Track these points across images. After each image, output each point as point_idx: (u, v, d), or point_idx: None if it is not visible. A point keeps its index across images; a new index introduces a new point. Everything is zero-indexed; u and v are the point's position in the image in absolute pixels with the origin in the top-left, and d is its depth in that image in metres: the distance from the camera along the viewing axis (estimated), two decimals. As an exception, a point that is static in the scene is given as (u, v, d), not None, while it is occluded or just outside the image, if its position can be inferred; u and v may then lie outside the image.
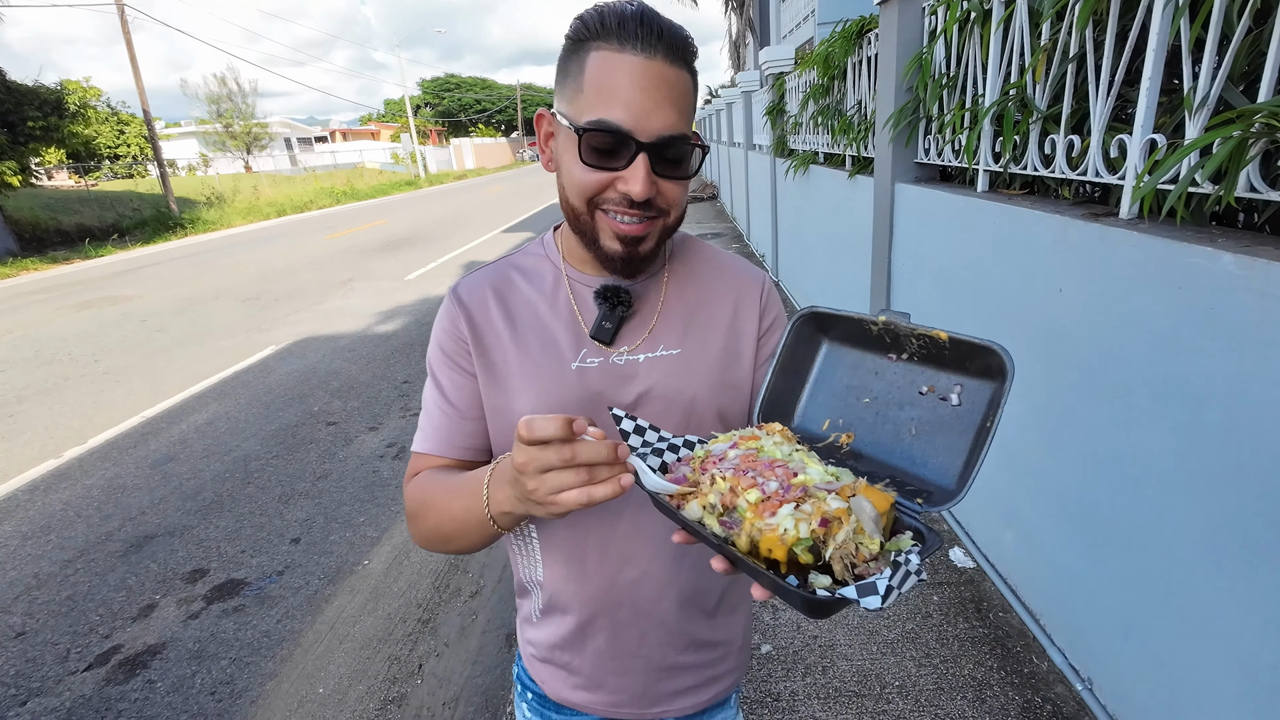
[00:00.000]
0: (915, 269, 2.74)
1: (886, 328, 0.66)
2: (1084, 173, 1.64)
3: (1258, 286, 1.14)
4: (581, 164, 0.66)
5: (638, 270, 0.75)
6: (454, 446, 0.78)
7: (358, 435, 3.99)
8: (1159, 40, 1.38)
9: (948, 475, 0.60)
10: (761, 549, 0.52)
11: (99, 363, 5.77)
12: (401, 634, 2.37)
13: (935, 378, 0.64)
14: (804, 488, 0.54)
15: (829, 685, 1.86)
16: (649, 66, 0.63)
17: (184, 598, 2.62)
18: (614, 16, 0.64)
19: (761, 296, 0.84)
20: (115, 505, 3.36)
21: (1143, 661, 1.52)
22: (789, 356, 0.73)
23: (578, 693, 0.89)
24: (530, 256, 0.83)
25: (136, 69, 15.77)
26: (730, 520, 0.55)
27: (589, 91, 0.64)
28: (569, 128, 0.66)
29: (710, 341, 0.80)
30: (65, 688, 2.20)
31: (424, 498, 0.73)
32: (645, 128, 0.64)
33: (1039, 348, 1.83)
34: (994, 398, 0.58)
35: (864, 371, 0.70)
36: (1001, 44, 1.99)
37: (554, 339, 0.77)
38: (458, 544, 0.72)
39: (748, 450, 0.61)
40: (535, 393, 0.75)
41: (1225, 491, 1.26)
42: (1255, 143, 1.13)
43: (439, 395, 0.78)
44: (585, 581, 0.82)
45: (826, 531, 0.50)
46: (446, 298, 0.80)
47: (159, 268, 10.98)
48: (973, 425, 0.60)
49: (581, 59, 0.65)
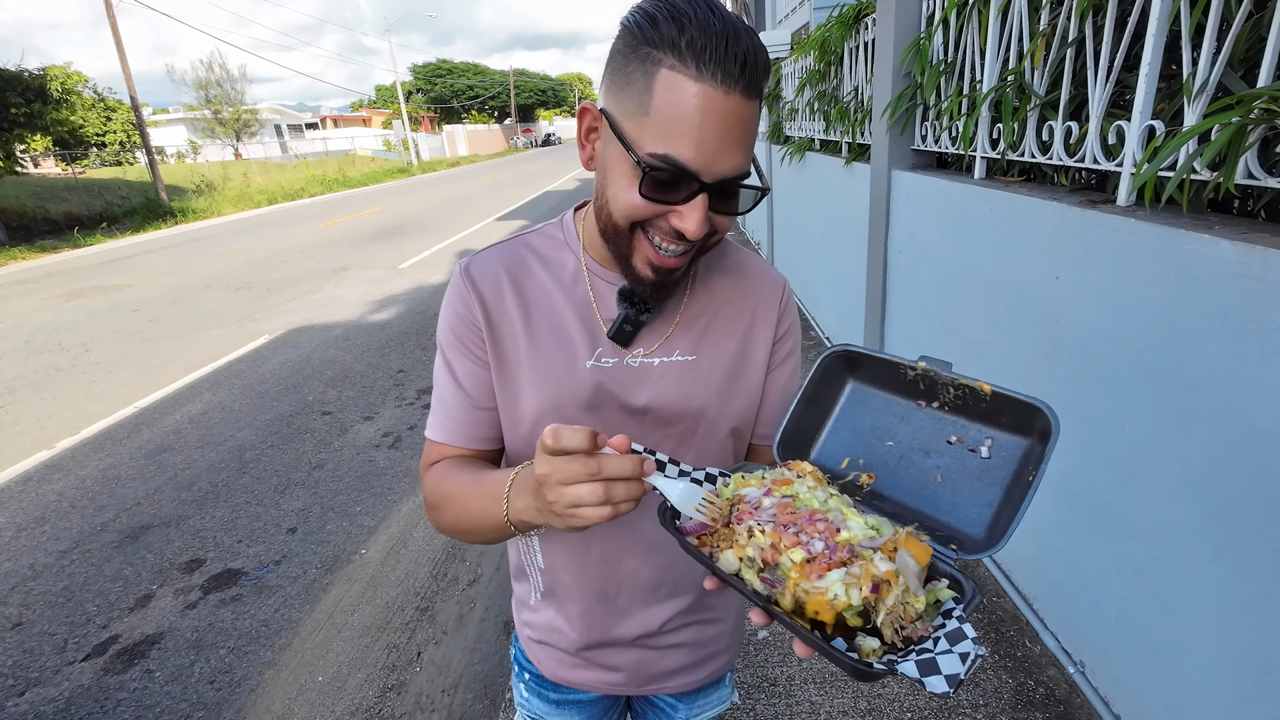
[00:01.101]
0: (912, 256, 2.74)
1: (924, 375, 0.66)
2: (1082, 160, 1.64)
3: (1255, 273, 1.14)
4: (638, 193, 0.61)
5: (667, 295, 0.72)
6: (469, 437, 0.77)
7: (353, 425, 3.98)
8: (1158, 25, 1.37)
9: (975, 525, 0.60)
10: (808, 611, 0.51)
11: (90, 353, 5.72)
12: (400, 622, 2.38)
13: (965, 429, 0.64)
14: (850, 547, 0.53)
15: (824, 671, 1.88)
16: (727, 103, 0.56)
17: (181, 588, 2.62)
18: (696, 33, 0.55)
19: (780, 304, 0.82)
20: (110, 496, 3.35)
21: (1134, 644, 1.54)
22: (814, 390, 0.73)
23: (575, 672, 0.90)
24: (547, 239, 0.79)
25: (123, 54, 15.50)
26: (772, 578, 0.54)
27: (657, 118, 0.57)
28: (627, 151, 0.60)
29: (725, 348, 0.78)
30: (64, 678, 2.20)
31: (444, 491, 0.72)
32: (712, 169, 0.59)
33: (1035, 334, 1.83)
34: (1029, 454, 0.58)
35: (890, 415, 0.70)
36: (1000, 29, 1.98)
37: (568, 332, 0.74)
38: (475, 539, 0.71)
39: (783, 499, 0.60)
40: (545, 387, 0.74)
41: (1219, 476, 1.27)
42: (1254, 129, 1.13)
43: (452, 381, 0.76)
44: (584, 571, 0.82)
45: (877, 597, 0.50)
46: (457, 276, 0.76)
47: (149, 256, 10.87)
48: (1002, 479, 0.60)
49: (649, 73, 0.57)
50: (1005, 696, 1.75)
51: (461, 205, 15.16)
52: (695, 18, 0.55)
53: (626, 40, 0.60)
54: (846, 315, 3.89)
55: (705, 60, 0.55)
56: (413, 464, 3.49)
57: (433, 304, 6.56)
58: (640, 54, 0.58)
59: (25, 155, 16.78)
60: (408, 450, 3.62)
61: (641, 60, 0.58)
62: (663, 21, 0.56)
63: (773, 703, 1.80)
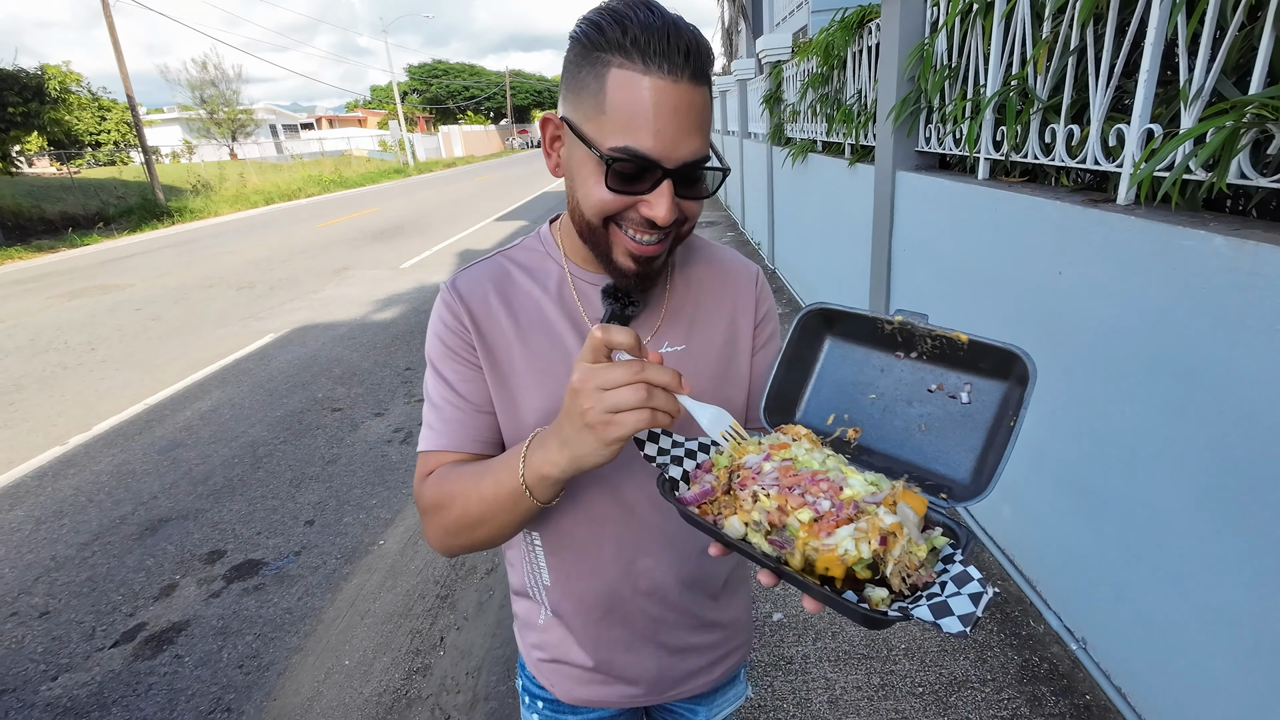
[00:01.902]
0: (915, 254, 2.83)
1: (901, 328, 0.67)
2: (1083, 161, 1.72)
3: (1246, 266, 1.23)
4: (605, 187, 0.64)
5: (650, 285, 0.74)
6: (469, 440, 0.76)
7: (364, 421, 4.04)
8: (1157, 35, 1.46)
9: (960, 469, 0.63)
10: (818, 568, 0.53)
11: (95, 351, 5.75)
12: (421, 609, 2.45)
13: (944, 376, 0.65)
14: (854, 504, 0.55)
15: (839, 649, 1.96)
16: (676, 91, 0.60)
17: (203, 578, 2.68)
18: (639, 32, 0.59)
19: (755, 288, 0.86)
20: (126, 490, 3.39)
21: (1133, 620, 1.63)
22: (794, 351, 0.74)
23: (592, 688, 0.88)
24: (529, 252, 0.81)
25: (119, 53, 15.47)
26: (781, 539, 0.55)
27: (613, 115, 0.61)
28: (589, 150, 0.63)
29: (713, 336, 0.81)
30: (94, 663, 2.25)
31: (447, 488, 0.71)
32: (672, 155, 0.62)
33: (1038, 328, 1.92)
34: (1007, 397, 0.60)
35: (870, 368, 0.71)
36: (1003, 36, 2.07)
37: (560, 336, 0.76)
38: (483, 531, 0.70)
39: (783, 462, 0.61)
40: (543, 390, 0.75)
41: (1212, 459, 1.35)
42: (1246, 132, 1.22)
43: (448, 390, 0.76)
44: (598, 576, 0.82)
45: (885, 549, 0.51)
46: (443, 292, 0.77)
47: (148, 256, 10.87)
48: (984, 422, 0.62)
49: (600, 75, 0.61)
50: (1011, 672, 1.83)
51: (459, 206, 15.20)
52: (636, 18, 0.60)
53: (576, 50, 0.64)
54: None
55: (650, 54, 0.59)
56: (425, 458, 3.55)
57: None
58: (590, 59, 0.62)
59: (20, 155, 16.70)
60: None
61: (592, 64, 0.62)
62: (607, 26, 0.60)
63: (789, 680, 1.87)
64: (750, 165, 7.93)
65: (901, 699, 1.78)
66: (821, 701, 1.80)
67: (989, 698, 1.76)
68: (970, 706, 1.74)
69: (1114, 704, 1.69)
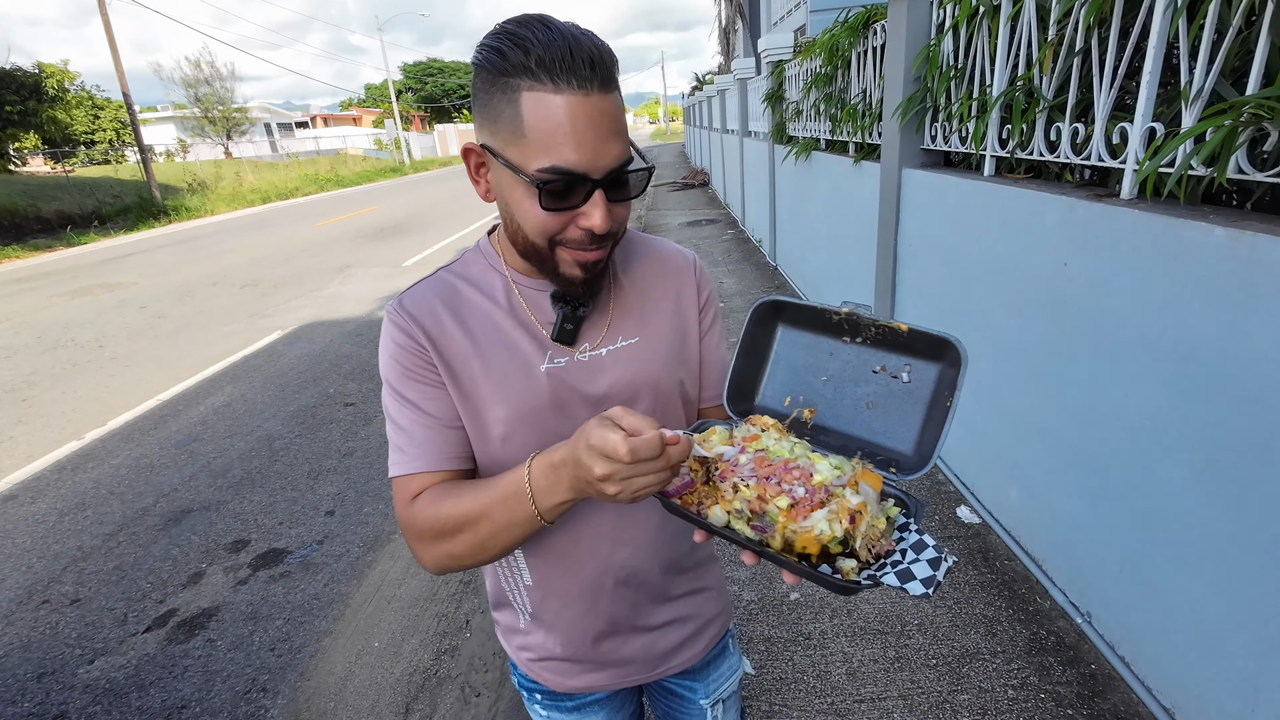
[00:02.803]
0: (921, 250, 2.91)
1: (848, 319, 0.74)
2: (1088, 158, 1.81)
3: (1244, 255, 1.32)
4: (540, 208, 0.66)
5: (598, 288, 0.77)
6: (445, 459, 0.76)
7: (377, 415, 4.09)
8: (1159, 38, 1.55)
9: (905, 442, 0.70)
10: (797, 546, 0.60)
11: (104, 349, 5.79)
12: (446, 594, 2.52)
13: (886, 358, 0.72)
14: (825, 488, 0.62)
15: (854, 625, 2.04)
16: (589, 103, 0.62)
17: (230, 566, 2.74)
18: (542, 51, 0.60)
19: (695, 275, 0.89)
20: (146, 483, 3.45)
21: (1137, 592, 1.72)
22: (750, 341, 0.79)
23: (584, 678, 0.92)
24: (471, 266, 0.82)
25: (115, 50, 15.43)
26: (762, 524, 0.62)
27: (533, 137, 0.62)
28: (517, 175, 0.64)
29: (662, 325, 0.84)
30: (129, 647, 2.32)
31: (450, 515, 0.70)
32: (597, 165, 0.64)
33: (1044, 317, 2.01)
34: (942, 377, 0.68)
35: (819, 352, 0.77)
36: (1009, 38, 2.15)
37: (515, 344, 0.78)
38: (492, 552, 0.71)
39: (757, 453, 0.67)
40: (507, 398, 0.77)
41: (1213, 437, 1.44)
42: (1244, 130, 1.30)
43: (416, 412, 0.76)
44: (579, 572, 0.85)
45: (854, 526, 0.59)
46: (391, 314, 0.77)
47: (148, 255, 10.88)
48: (923, 399, 0.69)
49: (513, 100, 0.62)
50: (1020, 645, 1.92)
51: (457, 204, 15.24)
52: (536, 38, 0.61)
53: (483, 77, 0.64)
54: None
55: (558, 72, 0.60)
56: (441, 451, 3.61)
57: (441, 300, 6.68)
58: (499, 85, 0.63)
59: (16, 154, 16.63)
60: (434, 438, 3.75)
61: (502, 90, 0.62)
62: (508, 50, 0.61)
63: (808, 654, 1.96)
64: (751, 164, 8.01)
65: (916, 670, 1.86)
66: (840, 674, 1.88)
67: (999, 668, 1.85)
68: (982, 676, 1.83)
69: (1118, 673, 1.78)
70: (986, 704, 1.75)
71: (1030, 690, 1.78)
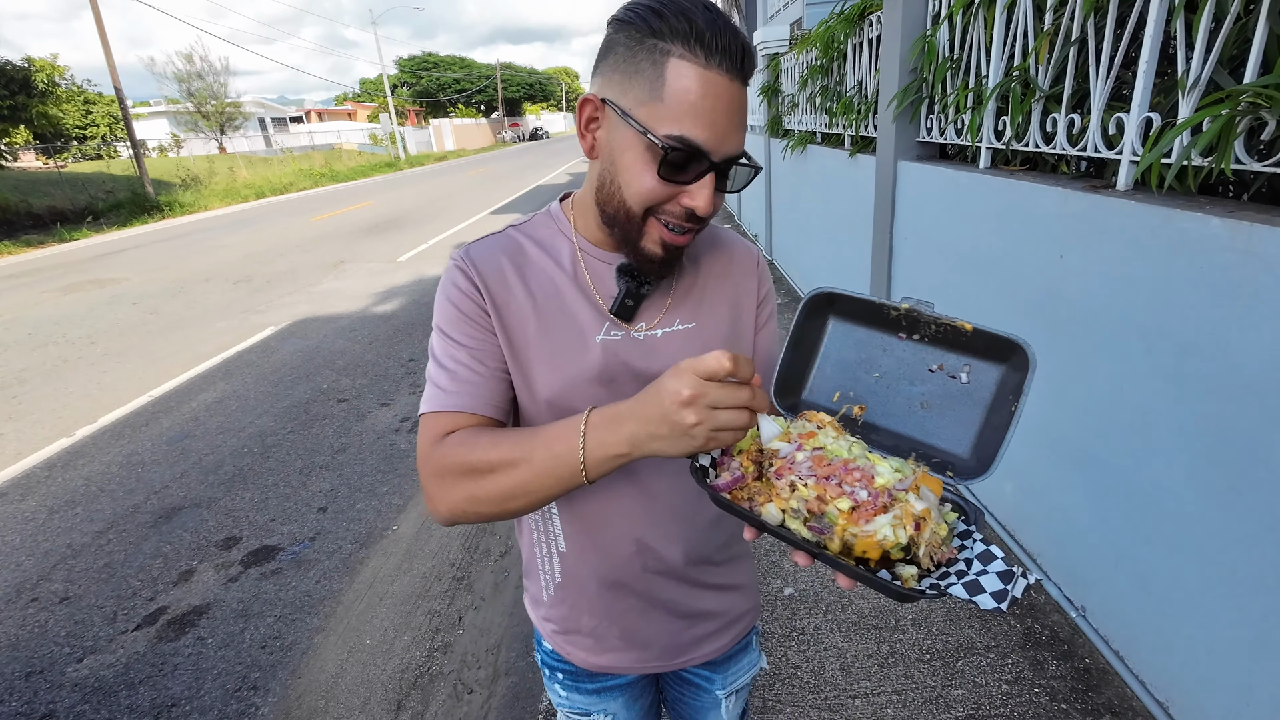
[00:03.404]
0: (917, 243, 2.90)
1: (907, 315, 0.70)
2: (1084, 149, 1.79)
3: (1241, 246, 1.30)
4: (655, 175, 0.65)
5: (670, 271, 0.76)
6: (487, 405, 0.74)
7: (370, 411, 4.07)
8: (1155, 27, 1.53)
9: (961, 445, 0.67)
10: (856, 550, 0.58)
11: (96, 345, 5.74)
12: (438, 590, 2.50)
13: (944, 357, 0.69)
14: (888, 491, 0.60)
15: (848, 620, 2.03)
16: (731, 89, 0.63)
17: (221, 563, 2.72)
18: (704, 27, 0.61)
19: (757, 269, 0.89)
20: (137, 480, 3.42)
21: (1131, 585, 1.71)
22: (800, 333, 0.76)
23: (607, 655, 0.91)
24: (541, 228, 0.82)
25: (106, 44, 15.27)
26: (820, 525, 0.60)
27: (671, 103, 0.62)
28: (641, 135, 0.64)
29: (719, 314, 0.84)
30: (118, 645, 2.30)
31: (486, 455, 0.67)
32: (721, 150, 0.64)
33: (1041, 310, 1.99)
34: (1005, 380, 0.65)
35: (872, 348, 0.74)
36: (1005, 27, 2.13)
37: (574, 312, 0.77)
38: (518, 503, 0.67)
39: (814, 451, 0.64)
40: (559, 365, 0.76)
41: (1209, 429, 1.43)
42: (1242, 120, 1.29)
43: (465, 354, 0.74)
44: (609, 547, 0.84)
45: (918, 533, 0.57)
46: (456, 259, 0.77)
47: (140, 250, 10.80)
48: (982, 402, 0.66)
49: (659, 62, 0.62)
50: (1014, 639, 1.91)
51: (453, 199, 15.17)
52: (700, 14, 0.62)
53: (628, 34, 0.65)
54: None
55: (713, 50, 0.61)
56: (434, 446, 3.59)
57: (435, 295, 6.64)
58: (647, 45, 0.63)
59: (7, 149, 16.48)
60: (427, 434, 3.73)
61: (649, 51, 0.63)
62: (670, 16, 0.62)
63: (802, 649, 1.95)
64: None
65: (910, 665, 1.86)
66: (834, 669, 1.87)
67: (994, 663, 1.84)
68: (976, 671, 1.82)
69: (1112, 667, 1.77)
70: (980, 698, 1.74)
71: (1024, 685, 1.77)
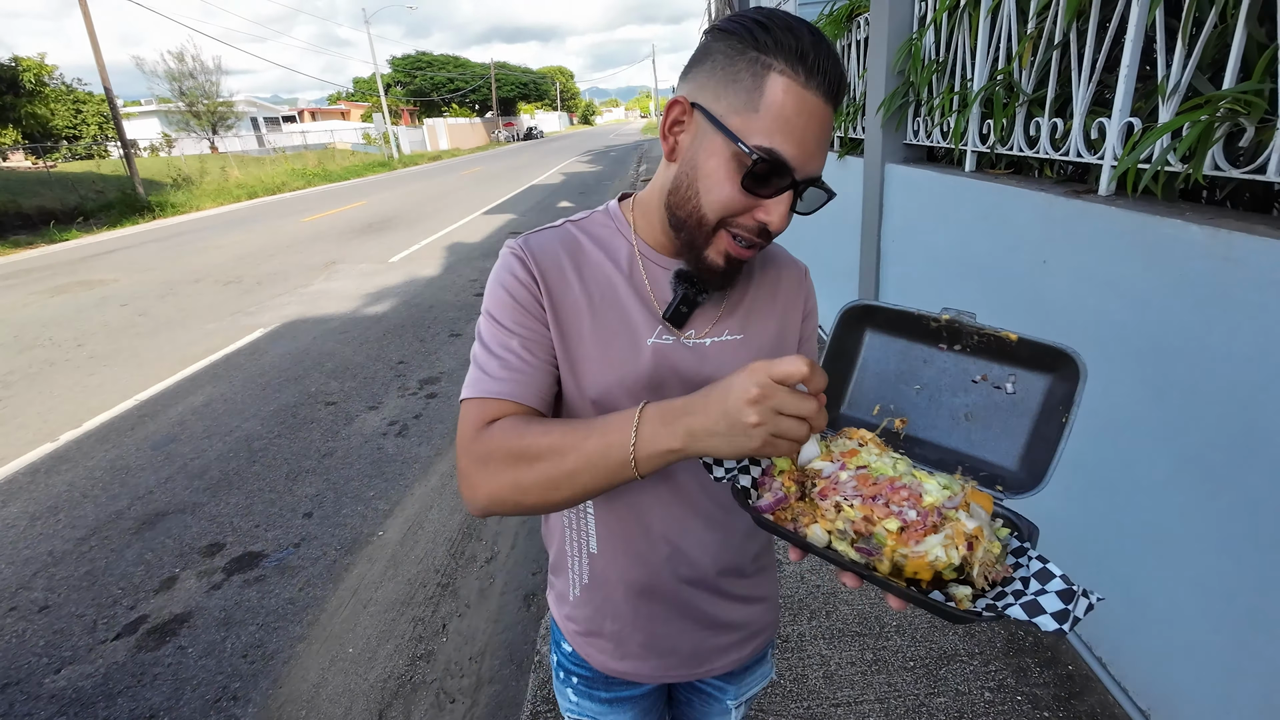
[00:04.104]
0: (905, 244, 2.89)
1: (949, 326, 0.68)
2: (1066, 153, 1.78)
3: (1220, 252, 1.29)
4: (738, 185, 0.65)
5: (729, 285, 0.77)
6: (535, 396, 0.73)
7: (358, 414, 4.05)
8: (1136, 31, 1.52)
9: (1009, 457, 0.65)
10: (907, 571, 0.56)
11: (83, 347, 5.69)
12: (423, 597, 2.48)
13: (988, 368, 0.67)
14: (938, 510, 0.58)
15: (833, 627, 2.02)
16: (823, 112, 0.64)
17: (204, 570, 2.69)
18: (807, 46, 0.62)
19: (804, 284, 0.89)
20: (121, 485, 3.39)
21: (1112, 589, 1.70)
22: (838, 345, 0.75)
23: (627, 661, 0.90)
24: (599, 226, 0.82)
25: (96, 43, 15.16)
26: (868, 546, 0.58)
27: (767, 116, 0.63)
28: (731, 142, 0.64)
29: (766, 328, 0.83)
30: (97, 655, 2.27)
31: (538, 441, 0.66)
32: (805, 169, 0.65)
33: (1024, 315, 1.98)
34: (1052, 390, 0.63)
35: (912, 359, 0.72)
36: (989, 31, 2.12)
37: (629, 314, 0.77)
38: (563, 493, 0.66)
39: (859, 470, 0.62)
40: (610, 364, 0.76)
41: (1191, 434, 1.42)
42: (1220, 126, 1.28)
43: (517, 343, 0.74)
44: (642, 553, 0.84)
45: (971, 552, 0.55)
46: (513, 247, 0.77)
47: (130, 251, 10.72)
48: (1029, 412, 0.64)
49: (759, 74, 0.63)
50: (998, 645, 1.90)
51: (446, 199, 15.11)
52: (804, 34, 0.63)
53: (730, 44, 0.65)
54: (840, 304, 4.03)
55: (814, 71, 0.62)
56: (422, 450, 3.57)
57: (427, 297, 6.61)
58: (749, 57, 0.64)
59: (-5, 148, 16.34)
60: (415, 438, 3.71)
61: (750, 63, 0.63)
62: (776, 31, 0.63)
63: (786, 658, 1.94)
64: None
65: (894, 673, 1.85)
66: (817, 677, 1.86)
67: (977, 670, 1.83)
68: (959, 678, 1.81)
69: (1095, 674, 1.77)
70: (963, 706, 1.73)
71: (1007, 692, 1.76)
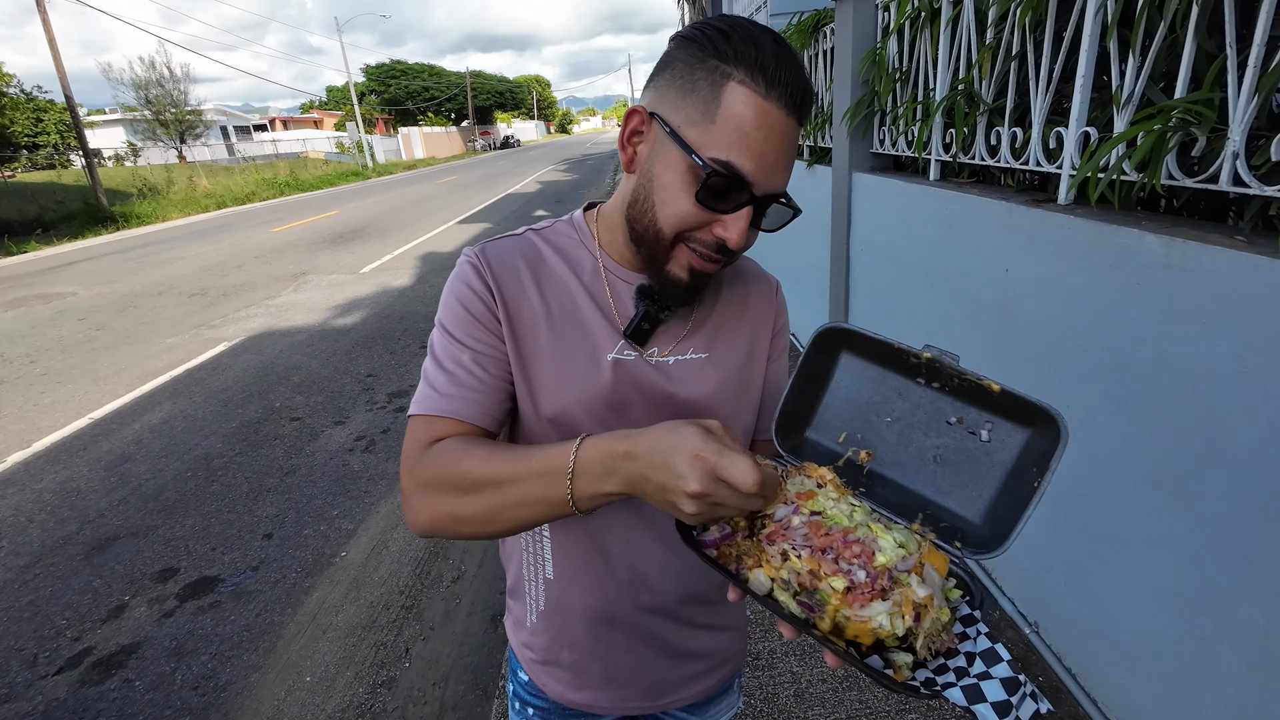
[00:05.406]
0: (873, 253, 2.89)
1: (929, 365, 0.63)
2: (1026, 162, 1.79)
3: (1175, 263, 1.29)
4: (693, 199, 0.62)
5: (692, 301, 0.74)
6: (484, 416, 0.70)
7: (324, 430, 3.94)
8: (1090, 42, 1.53)
9: (974, 510, 0.61)
10: (848, 634, 0.53)
11: (36, 364, 5.48)
12: (386, 620, 2.40)
13: (964, 410, 0.63)
14: (889, 573, 0.54)
15: (803, 644, 1.99)
16: (786, 124, 0.61)
17: (155, 597, 2.58)
18: (768, 57, 0.59)
19: (775, 301, 0.86)
20: (71, 509, 3.24)
21: (1080, 601, 1.70)
22: (809, 369, 0.71)
23: (585, 692, 0.86)
24: (562, 236, 0.78)
25: (55, 49, 14.76)
26: (811, 602, 0.55)
27: (723, 127, 0.60)
28: (686, 154, 0.61)
29: (734, 346, 0.80)
30: (36, 692, 2.15)
31: (474, 471, 0.63)
32: (764, 184, 0.62)
33: (988, 323, 1.98)
34: (1029, 446, 0.59)
35: (886, 389, 0.68)
36: (950, 41, 2.13)
37: (589, 329, 0.74)
38: (502, 526, 0.63)
39: (812, 516, 0.59)
40: (568, 381, 0.73)
41: (1152, 444, 1.42)
42: (1173, 135, 1.28)
43: (468, 357, 0.70)
44: (601, 579, 0.80)
45: (917, 624, 0.52)
46: (469, 257, 0.73)
47: (92, 263, 10.41)
48: (1002, 464, 0.60)
49: (717, 84, 0.60)
50: (969, 658, 1.88)
51: (421, 208, 14.95)
52: (766, 43, 0.60)
53: (690, 51, 0.62)
54: (810, 313, 4.04)
55: (775, 82, 0.59)
56: (389, 467, 3.48)
57: (398, 308, 6.50)
58: (708, 65, 0.61)
59: (-51, 158, 15.80)
60: (382, 454, 3.61)
61: (709, 71, 0.61)
62: (736, 39, 0.60)
63: (757, 675, 1.90)
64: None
65: (865, 690, 1.82)
66: (788, 695, 1.82)
67: (949, 684, 1.81)
68: (931, 693, 1.79)
69: (1065, 685, 1.75)
70: (935, 721, 1.71)
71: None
